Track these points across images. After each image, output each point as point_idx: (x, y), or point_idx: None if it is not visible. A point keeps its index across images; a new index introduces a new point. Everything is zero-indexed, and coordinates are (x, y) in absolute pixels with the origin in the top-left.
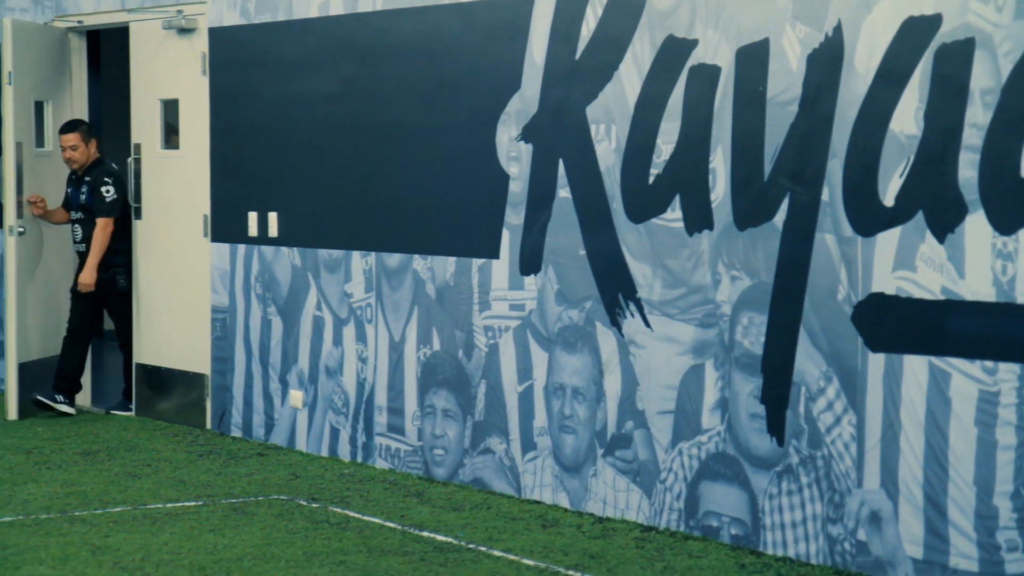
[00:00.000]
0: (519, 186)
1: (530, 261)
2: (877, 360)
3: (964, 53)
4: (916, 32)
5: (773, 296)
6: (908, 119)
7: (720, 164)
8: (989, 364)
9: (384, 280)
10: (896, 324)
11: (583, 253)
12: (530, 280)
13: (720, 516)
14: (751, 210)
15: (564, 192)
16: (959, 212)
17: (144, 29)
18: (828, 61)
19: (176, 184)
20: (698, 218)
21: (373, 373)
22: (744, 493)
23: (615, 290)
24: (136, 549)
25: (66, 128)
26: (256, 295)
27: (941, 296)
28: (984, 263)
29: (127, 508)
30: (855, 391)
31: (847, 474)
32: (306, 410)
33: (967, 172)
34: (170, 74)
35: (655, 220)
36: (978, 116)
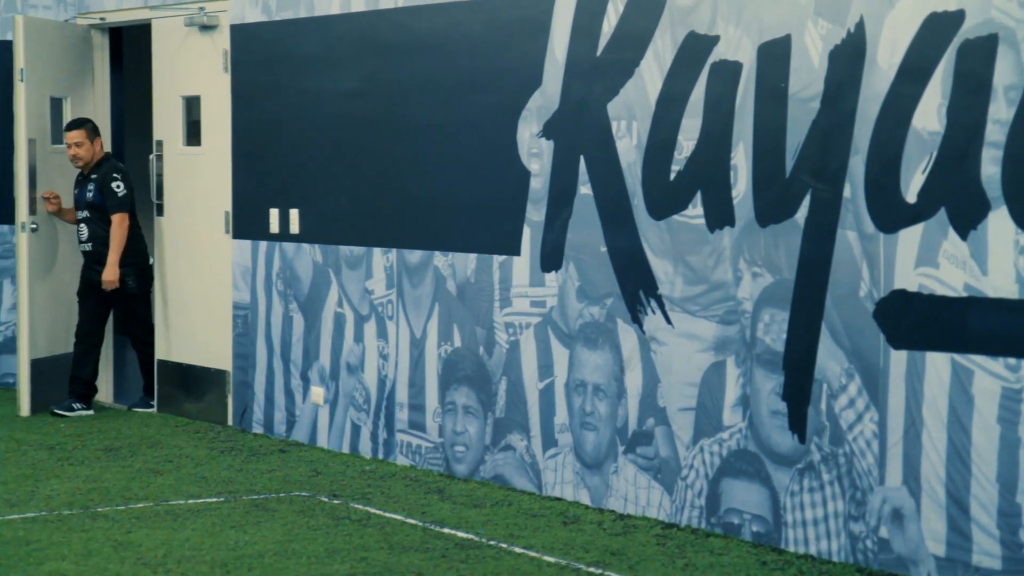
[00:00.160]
0: (540, 183)
1: (551, 258)
2: (899, 357)
3: (987, 49)
4: (939, 28)
5: (795, 293)
6: (931, 115)
7: (741, 161)
8: (1012, 361)
9: (405, 277)
10: (918, 321)
11: (604, 250)
12: (551, 277)
13: (741, 513)
14: (773, 207)
15: (585, 189)
16: (982, 209)
17: (166, 26)
18: (850, 57)
19: (198, 181)
20: (719, 215)
21: (394, 370)
22: (766, 490)
23: (636, 287)
24: (158, 545)
25: (71, 126)
26: (277, 292)
27: (964, 293)
28: (1007, 260)
29: (149, 504)
30: (877, 388)
31: (869, 471)
32: (327, 407)
33: (990, 168)
34: (192, 71)
35: (676, 217)
36: (1001, 112)
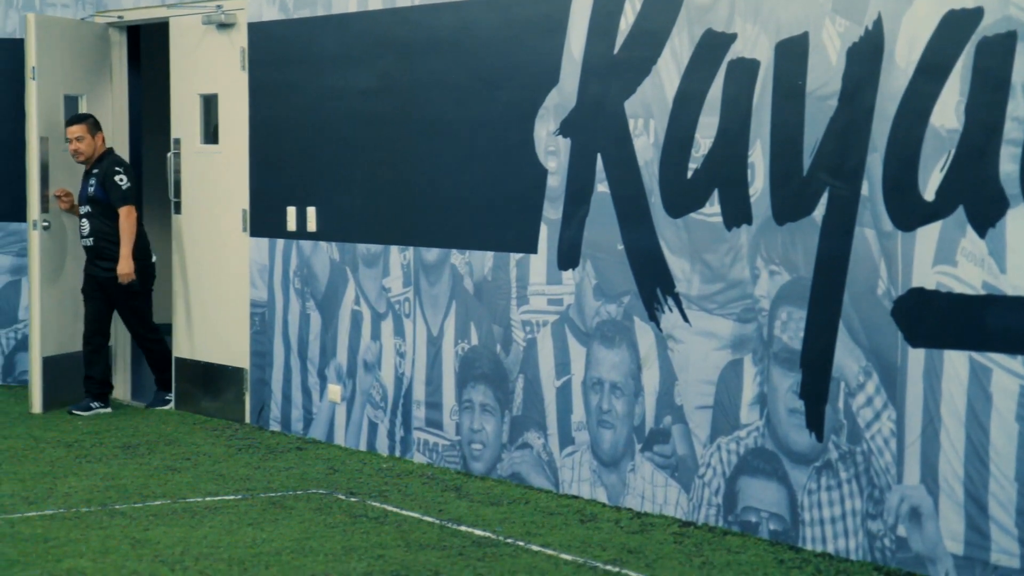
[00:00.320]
0: (557, 181)
1: (568, 256)
2: (917, 355)
3: (1006, 46)
4: (957, 25)
5: (812, 291)
6: (949, 113)
7: (759, 158)
8: None
9: (422, 275)
10: (936, 319)
11: (621, 248)
12: (568, 275)
13: (759, 511)
14: (790, 204)
15: (602, 187)
16: (1000, 206)
17: (184, 24)
18: (868, 55)
19: (216, 179)
20: (737, 213)
21: (411, 368)
22: (783, 488)
23: (653, 285)
24: (176, 542)
25: (71, 120)
26: (295, 290)
27: (982, 291)
28: None
29: (167, 502)
30: (895, 386)
31: (887, 470)
32: (344, 404)
33: (1008, 166)
34: (210, 69)
35: (693, 215)
36: (1020, 110)
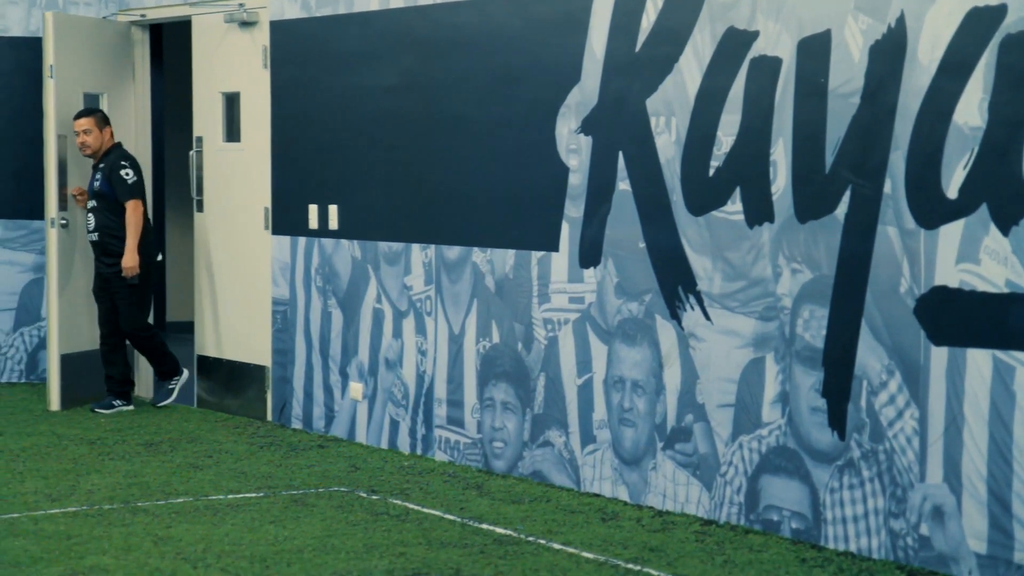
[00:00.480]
0: (579, 179)
1: (590, 254)
2: (940, 354)
3: None
4: (980, 23)
5: (834, 289)
6: (972, 111)
7: (781, 156)
8: None
9: (444, 273)
10: (959, 317)
11: (643, 246)
12: (590, 273)
13: (781, 510)
14: (812, 203)
15: (624, 185)
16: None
17: (206, 22)
18: (891, 52)
19: (238, 177)
20: (759, 211)
21: (433, 365)
22: (805, 487)
23: (675, 283)
24: (198, 540)
25: (80, 114)
26: (316, 287)
27: (1005, 289)
28: None
29: (189, 499)
30: (918, 385)
31: (909, 468)
32: (366, 402)
33: None
34: (232, 67)
35: (715, 213)
36: None
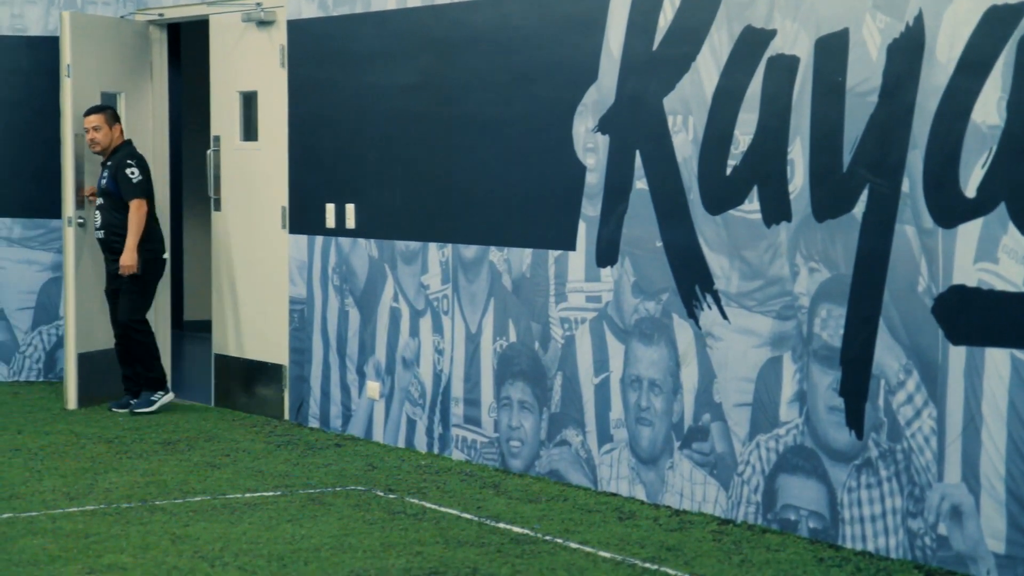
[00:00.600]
0: (596, 178)
1: (607, 253)
2: (958, 353)
3: None
4: (998, 21)
5: (852, 288)
6: (990, 109)
7: (798, 155)
8: None
9: (461, 272)
10: (977, 316)
11: (660, 245)
12: (606, 272)
13: (798, 509)
14: (830, 201)
15: (641, 184)
16: None
17: (224, 22)
18: (909, 51)
19: (255, 176)
20: (776, 210)
21: (449, 364)
22: (823, 486)
23: (692, 282)
24: (215, 539)
25: (90, 110)
26: (334, 286)
27: (1023, 288)
28: None
29: (206, 498)
30: (936, 384)
31: (927, 468)
32: (383, 401)
33: None
34: (249, 66)
35: (733, 212)
36: None
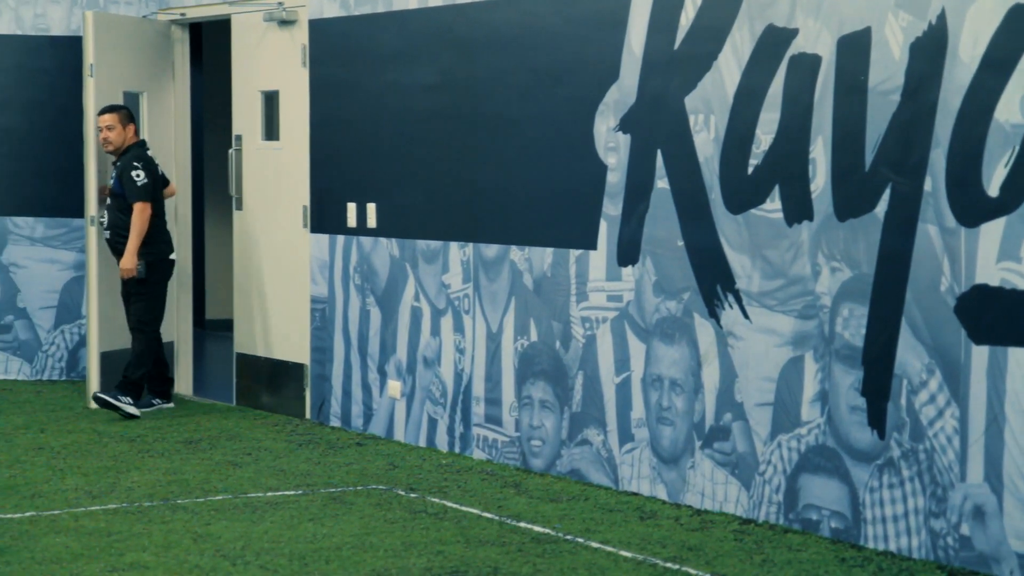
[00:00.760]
0: (617, 177)
1: (628, 252)
2: (981, 352)
3: None
4: (1022, 20)
5: (874, 288)
6: (1014, 108)
7: (820, 154)
8: None
9: (482, 271)
10: (1000, 316)
11: (681, 244)
12: (628, 271)
13: (820, 509)
14: (852, 201)
15: (662, 183)
16: None
17: (245, 21)
18: (931, 50)
19: (276, 175)
20: (798, 209)
21: (471, 364)
22: (844, 486)
23: (713, 281)
24: (237, 537)
25: (104, 109)
26: (355, 286)
27: None
28: None
29: (228, 496)
30: (958, 384)
31: (950, 468)
32: (404, 400)
33: None
34: (271, 66)
35: (754, 211)
36: None
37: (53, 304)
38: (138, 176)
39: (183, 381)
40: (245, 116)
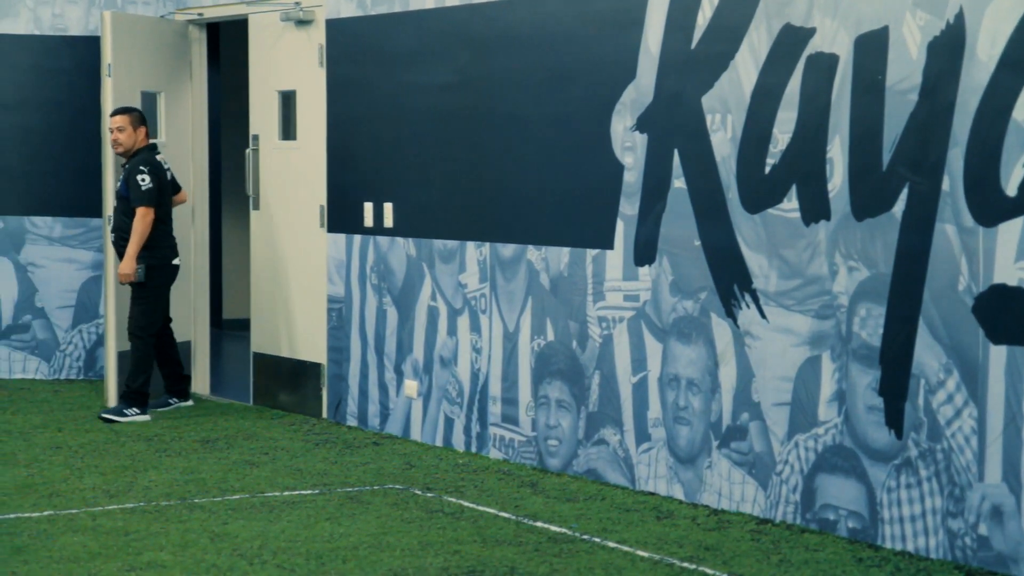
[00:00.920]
0: (634, 176)
1: (644, 252)
2: (999, 352)
3: None
4: None
5: (892, 287)
6: None
7: (838, 154)
8: None
9: (498, 270)
10: (1018, 316)
11: (698, 244)
12: (644, 271)
13: (837, 509)
14: (869, 200)
15: (679, 182)
16: None
17: (263, 21)
18: (949, 49)
19: (293, 175)
20: (815, 208)
21: (487, 363)
22: (862, 486)
23: (730, 281)
24: (254, 536)
25: (116, 111)
26: (372, 285)
27: None
28: None
29: (245, 496)
30: (976, 384)
31: (968, 468)
32: (421, 400)
33: None
34: (288, 66)
35: (771, 210)
36: None
37: (71, 304)
38: (143, 180)
39: (200, 381)
40: (262, 116)
